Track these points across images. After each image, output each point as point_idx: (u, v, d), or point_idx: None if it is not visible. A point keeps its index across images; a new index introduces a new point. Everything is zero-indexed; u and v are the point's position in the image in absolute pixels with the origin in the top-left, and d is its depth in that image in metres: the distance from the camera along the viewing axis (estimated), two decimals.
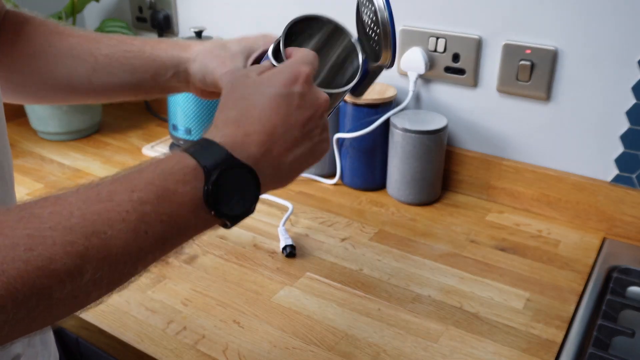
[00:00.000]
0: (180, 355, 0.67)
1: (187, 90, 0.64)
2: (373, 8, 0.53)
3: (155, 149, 1.20)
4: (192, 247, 0.87)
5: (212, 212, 0.42)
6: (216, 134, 0.45)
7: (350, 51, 0.57)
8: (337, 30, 0.56)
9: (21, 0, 1.23)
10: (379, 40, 0.54)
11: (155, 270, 0.79)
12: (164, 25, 1.29)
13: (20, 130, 1.30)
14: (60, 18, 1.19)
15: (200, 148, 0.43)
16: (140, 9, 1.33)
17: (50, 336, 0.65)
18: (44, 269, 0.34)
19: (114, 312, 0.74)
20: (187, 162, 0.42)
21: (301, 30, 0.55)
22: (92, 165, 1.14)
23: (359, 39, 0.57)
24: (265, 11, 1.15)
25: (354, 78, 0.55)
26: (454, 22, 0.96)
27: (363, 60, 0.56)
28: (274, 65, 0.51)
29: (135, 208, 0.39)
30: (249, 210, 0.45)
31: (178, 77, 0.62)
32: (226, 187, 0.42)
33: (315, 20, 0.55)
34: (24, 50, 0.63)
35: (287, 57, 0.51)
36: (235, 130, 0.45)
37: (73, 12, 1.23)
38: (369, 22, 0.55)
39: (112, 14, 1.39)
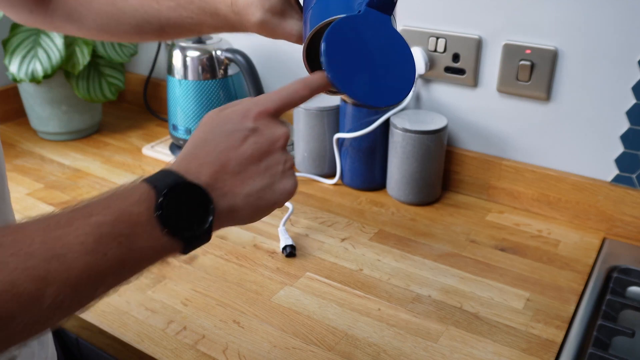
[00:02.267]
0: (180, 355, 0.67)
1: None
2: None
3: (155, 149, 1.20)
4: None
5: (165, 230, 0.43)
6: (172, 166, 0.47)
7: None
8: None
9: None
10: None
11: (155, 270, 0.79)
12: None
13: (20, 130, 1.30)
14: None
15: (154, 175, 0.45)
16: None
17: (47, 336, 0.65)
18: (7, 293, 0.35)
19: (114, 312, 0.74)
20: (142, 186, 0.44)
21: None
22: (92, 165, 1.14)
23: None
24: None
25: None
26: (454, 22, 0.96)
27: None
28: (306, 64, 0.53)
29: (93, 231, 0.40)
30: (203, 233, 0.45)
31: (247, 31, 0.63)
32: (176, 204, 0.43)
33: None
34: (90, 8, 0.66)
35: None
36: (191, 160, 0.47)
37: None
38: None
39: None
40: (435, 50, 0.99)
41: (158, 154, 1.19)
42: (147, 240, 0.43)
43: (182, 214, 0.44)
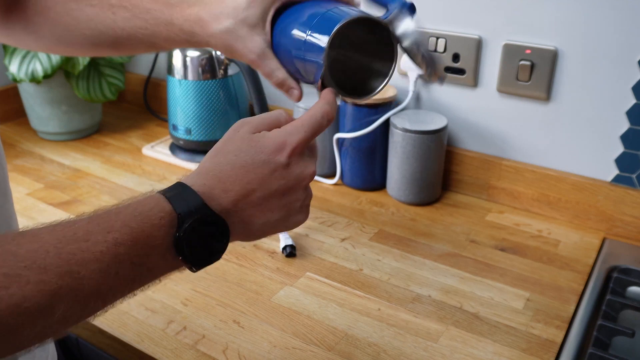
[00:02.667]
0: (180, 355, 0.67)
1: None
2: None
3: (155, 149, 1.20)
4: None
5: (179, 258, 0.44)
6: (196, 182, 0.46)
7: (385, 57, 0.55)
8: (381, 33, 0.54)
9: None
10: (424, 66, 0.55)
11: None
12: None
13: (20, 130, 1.30)
14: None
15: (177, 193, 0.45)
16: None
17: None
18: (17, 307, 0.35)
19: (114, 312, 0.74)
20: (164, 206, 0.43)
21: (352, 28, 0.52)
22: (92, 165, 1.14)
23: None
24: None
25: (378, 87, 0.55)
26: (454, 22, 0.96)
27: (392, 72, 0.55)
28: (317, 87, 0.53)
29: (109, 249, 0.40)
30: (215, 257, 0.46)
31: (201, 49, 0.63)
32: (196, 237, 0.44)
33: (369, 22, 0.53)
34: (44, 17, 0.64)
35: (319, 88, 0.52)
36: (216, 183, 0.46)
37: None
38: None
39: None
40: (435, 50, 0.99)
41: (158, 154, 1.19)
42: (160, 262, 0.43)
43: (200, 245, 0.44)
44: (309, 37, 0.52)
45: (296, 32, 0.53)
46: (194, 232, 0.43)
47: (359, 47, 0.56)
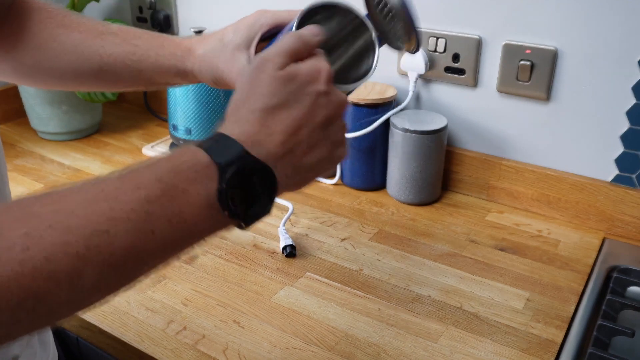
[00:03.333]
0: (180, 355, 0.67)
1: (197, 82, 0.64)
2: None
3: (155, 149, 1.20)
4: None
5: (226, 213, 0.40)
6: (234, 129, 0.42)
7: (367, 43, 0.54)
8: (352, 18, 0.54)
9: None
10: (398, 28, 0.52)
11: None
12: (164, 25, 1.29)
13: (20, 130, 1.30)
14: None
15: (214, 143, 0.41)
16: (140, 9, 1.34)
17: (49, 336, 0.65)
18: (41, 270, 0.33)
19: (114, 312, 0.74)
20: (200, 158, 0.40)
21: (313, 17, 0.53)
22: (92, 165, 1.14)
23: (376, 26, 0.54)
24: None
25: (369, 71, 0.53)
26: (454, 22, 0.96)
27: (378, 42, 0.54)
28: None
29: (141, 206, 0.36)
30: (264, 211, 0.43)
31: (185, 78, 0.62)
32: (241, 187, 0.40)
33: (331, 8, 0.53)
34: (29, 43, 0.62)
35: None
36: (259, 128, 0.42)
37: None
38: (383, 6, 0.52)
39: (112, 14, 1.39)
40: (435, 50, 0.99)
41: (158, 154, 1.19)
42: (202, 219, 0.39)
43: (247, 196, 0.40)
44: None
45: None
46: (237, 182, 0.39)
47: (342, 46, 0.55)
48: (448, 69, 0.99)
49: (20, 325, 0.33)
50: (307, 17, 0.52)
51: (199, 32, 1.13)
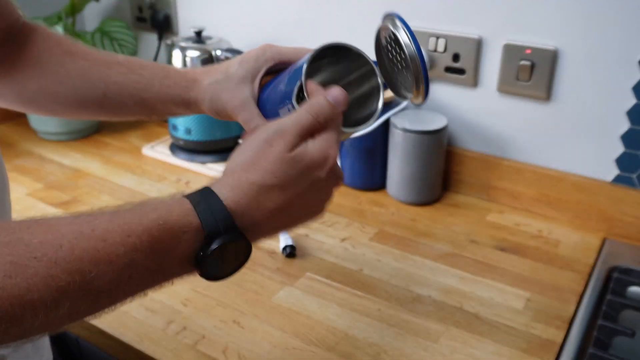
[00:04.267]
0: (180, 355, 0.67)
1: (203, 112, 0.64)
2: (398, 43, 0.51)
3: (155, 149, 1.20)
4: None
5: (199, 272, 0.44)
6: (228, 195, 0.44)
7: (373, 88, 0.55)
8: (362, 63, 0.55)
9: (22, 1, 1.23)
10: (407, 78, 0.52)
11: None
12: (164, 25, 1.29)
13: (20, 130, 1.30)
14: (60, 18, 1.19)
15: (207, 208, 0.43)
16: (140, 9, 1.33)
17: (44, 341, 0.65)
18: (20, 298, 0.34)
19: (114, 312, 0.73)
20: (190, 220, 0.42)
21: (322, 58, 0.54)
22: (92, 165, 1.14)
23: (384, 75, 0.55)
24: (265, 11, 1.15)
25: (372, 116, 0.54)
26: (454, 22, 0.96)
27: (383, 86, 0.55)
28: (293, 107, 0.52)
29: (126, 253, 0.39)
30: (231, 274, 0.46)
31: (190, 111, 0.63)
32: (220, 254, 0.43)
33: (341, 49, 0.54)
34: (35, 68, 0.63)
35: (309, 95, 0.51)
36: (251, 201, 0.45)
37: (73, 12, 1.23)
38: (393, 55, 0.53)
39: (112, 14, 1.39)
40: (435, 50, 0.99)
41: (158, 154, 1.19)
42: (177, 270, 0.43)
43: (222, 263, 0.44)
44: (289, 82, 0.53)
45: (280, 85, 0.55)
46: (217, 254, 0.43)
47: (348, 88, 0.55)
48: (448, 69, 0.99)
49: None
50: (317, 57, 0.53)
51: (199, 32, 1.13)
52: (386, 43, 0.53)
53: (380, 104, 0.54)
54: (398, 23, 0.51)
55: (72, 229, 0.38)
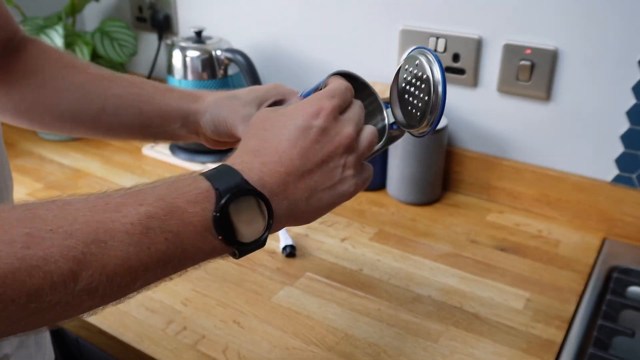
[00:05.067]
0: (180, 355, 0.67)
1: (196, 140, 0.64)
2: (425, 77, 0.50)
3: (155, 149, 1.20)
4: None
5: (220, 238, 0.41)
6: (234, 161, 0.44)
7: (380, 121, 0.55)
8: (371, 99, 0.55)
9: (22, 1, 1.23)
10: (420, 108, 0.52)
11: None
12: (163, 25, 1.29)
13: (20, 130, 1.29)
14: (60, 18, 1.19)
15: (215, 172, 0.43)
16: (140, 9, 1.34)
17: (45, 337, 0.65)
18: (38, 269, 0.34)
19: (114, 312, 0.74)
20: (200, 184, 0.41)
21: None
22: (92, 165, 1.14)
23: (392, 100, 0.55)
24: (265, 11, 1.15)
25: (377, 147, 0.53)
26: (454, 22, 0.96)
27: (390, 127, 0.55)
28: None
29: (140, 221, 0.38)
30: (259, 240, 0.43)
31: (187, 128, 0.62)
32: (237, 213, 0.41)
33: (355, 80, 0.54)
34: (35, 79, 0.63)
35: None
36: (253, 158, 0.44)
37: (73, 12, 1.23)
38: (413, 87, 0.52)
39: (112, 14, 1.39)
40: (435, 50, 0.99)
41: (158, 154, 1.19)
42: (197, 241, 0.41)
43: (241, 223, 0.42)
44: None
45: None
46: (233, 208, 0.41)
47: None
48: (448, 69, 0.99)
49: (10, 321, 0.34)
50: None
51: (199, 32, 1.13)
52: (409, 75, 0.52)
53: (384, 140, 0.54)
54: (431, 58, 0.50)
55: (85, 205, 0.38)
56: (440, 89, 0.49)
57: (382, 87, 1.02)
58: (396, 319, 0.73)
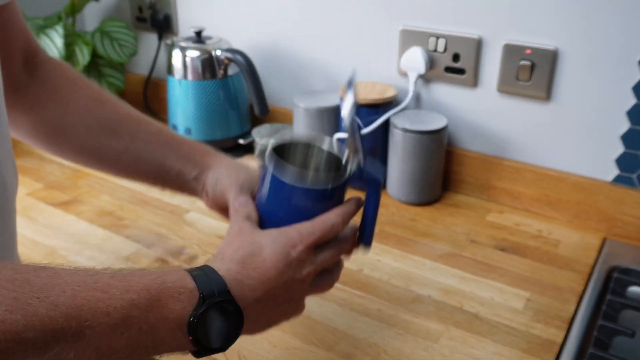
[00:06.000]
0: (180, 355, 0.67)
1: (200, 198, 0.65)
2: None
3: None
4: (192, 247, 0.87)
5: (190, 338, 0.44)
6: (221, 266, 0.47)
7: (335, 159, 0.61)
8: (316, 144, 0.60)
9: (22, 1, 1.23)
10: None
11: None
12: (163, 25, 1.29)
13: None
14: (60, 18, 1.19)
15: (203, 274, 0.45)
16: (140, 9, 1.34)
17: None
18: (16, 334, 0.35)
19: None
20: (187, 283, 0.44)
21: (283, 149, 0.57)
22: None
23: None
24: (265, 11, 1.15)
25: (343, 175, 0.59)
26: (454, 22, 0.96)
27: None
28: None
29: (123, 307, 0.40)
30: (223, 347, 0.47)
31: (198, 181, 0.63)
32: (211, 320, 0.44)
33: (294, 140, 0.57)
34: (58, 107, 0.64)
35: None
36: (240, 269, 0.47)
37: (73, 12, 1.23)
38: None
39: (112, 14, 1.39)
40: (435, 50, 0.99)
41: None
42: (168, 337, 0.43)
43: (213, 329, 0.45)
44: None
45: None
46: (211, 316, 0.44)
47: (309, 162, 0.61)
48: (448, 69, 0.99)
49: None
50: (278, 149, 0.55)
51: (199, 32, 1.13)
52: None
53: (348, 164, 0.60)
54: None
55: (75, 279, 0.39)
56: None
57: (382, 87, 1.03)
58: (396, 319, 0.73)
